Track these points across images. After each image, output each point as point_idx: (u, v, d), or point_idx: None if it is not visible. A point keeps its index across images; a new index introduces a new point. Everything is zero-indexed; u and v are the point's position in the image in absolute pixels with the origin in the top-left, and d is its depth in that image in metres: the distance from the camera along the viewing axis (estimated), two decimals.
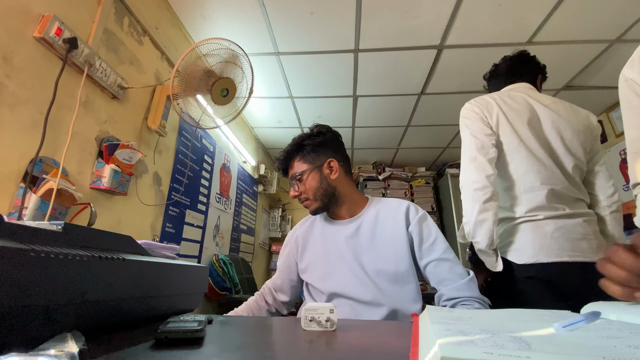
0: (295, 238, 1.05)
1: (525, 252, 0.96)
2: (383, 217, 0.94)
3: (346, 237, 0.94)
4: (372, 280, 0.87)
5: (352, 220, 0.97)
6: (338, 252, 0.93)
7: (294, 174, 0.98)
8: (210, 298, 2.19)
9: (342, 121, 2.94)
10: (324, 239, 0.98)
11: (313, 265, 0.97)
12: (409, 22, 1.75)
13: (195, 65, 1.32)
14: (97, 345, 0.36)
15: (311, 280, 0.96)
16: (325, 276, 0.93)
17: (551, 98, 1.13)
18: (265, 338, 0.47)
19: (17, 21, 0.96)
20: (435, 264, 0.87)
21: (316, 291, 0.94)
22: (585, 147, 1.06)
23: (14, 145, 0.95)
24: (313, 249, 0.99)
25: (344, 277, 0.90)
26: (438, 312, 0.46)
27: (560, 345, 0.30)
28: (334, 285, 0.90)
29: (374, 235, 0.92)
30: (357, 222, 0.96)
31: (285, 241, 1.10)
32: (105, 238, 0.46)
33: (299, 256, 1.02)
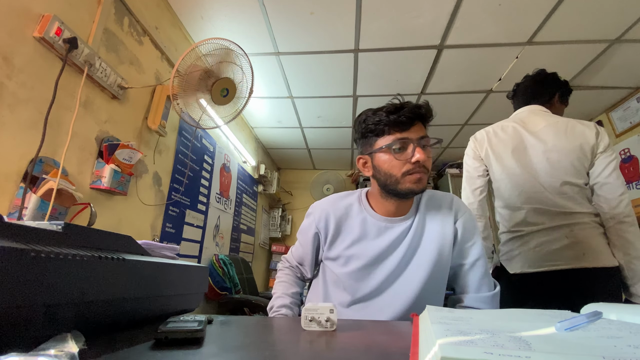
0: (326, 218, 0.87)
1: (515, 263, 1.16)
2: (431, 212, 0.84)
3: (392, 241, 0.81)
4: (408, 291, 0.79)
5: (402, 220, 0.83)
6: (376, 256, 0.81)
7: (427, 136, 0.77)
8: (210, 298, 2.19)
9: (342, 121, 2.94)
10: (364, 235, 0.84)
11: (346, 260, 0.84)
12: (409, 22, 1.75)
13: (195, 65, 1.32)
14: (97, 345, 0.36)
15: (339, 272, 0.85)
16: (358, 278, 0.82)
17: (547, 121, 1.21)
18: (265, 338, 0.47)
19: (17, 21, 0.96)
20: (470, 267, 0.82)
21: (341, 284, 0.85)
22: (577, 165, 1.13)
23: (14, 145, 0.95)
24: (347, 240, 0.85)
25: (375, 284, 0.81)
26: (438, 312, 0.46)
27: (560, 345, 0.29)
28: (363, 290, 0.82)
29: (422, 238, 0.82)
30: (407, 222, 0.83)
31: (309, 217, 0.92)
32: (105, 238, 0.46)
33: (327, 243, 0.87)
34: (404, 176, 0.75)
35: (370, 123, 0.78)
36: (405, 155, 0.74)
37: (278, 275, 1.01)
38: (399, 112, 0.74)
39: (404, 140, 0.74)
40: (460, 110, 2.66)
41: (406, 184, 0.75)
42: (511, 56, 2.00)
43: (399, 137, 0.74)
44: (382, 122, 0.75)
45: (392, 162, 0.75)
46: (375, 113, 0.78)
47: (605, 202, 1.10)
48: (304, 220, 0.95)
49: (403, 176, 0.75)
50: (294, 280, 0.97)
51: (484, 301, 0.80)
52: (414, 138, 0.74)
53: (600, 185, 1.11)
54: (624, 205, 1.07)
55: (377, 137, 0.77)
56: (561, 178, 1.12)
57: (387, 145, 0.75)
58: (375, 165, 0.79)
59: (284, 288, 0.94)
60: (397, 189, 0.76)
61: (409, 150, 0.74)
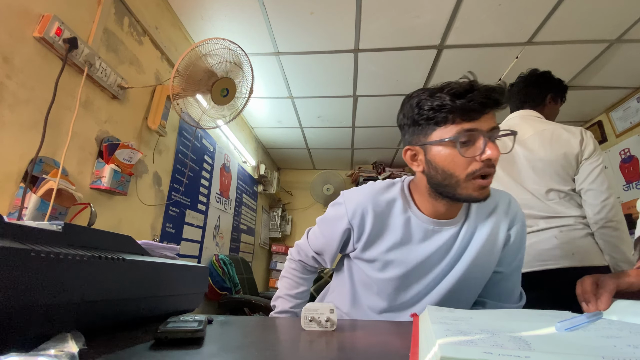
0: (362, 213, 0.73)
1: None
2: (484, 214, 0.73)
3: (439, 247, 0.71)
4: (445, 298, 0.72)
5: (451, 223, 0.71)
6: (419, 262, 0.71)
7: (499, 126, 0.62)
8: (210, 298, 2.19)
9: (342, 121, 2.94)
10: (407, 238, 0.72)
11: (383, 264, 0.73)
12: (409, 22, 1.75)
13: (196, 65, 1.32)
14: (97, 345, 0.36)
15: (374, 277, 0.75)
16: (395, 286, 0.73)
17: (535, 129, 1.23)
18: (265, 338, 0.47)
19: (17, 21, 0.96)
20: (505, 276, 0.76)
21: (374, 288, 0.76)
22: (562, 173, 1.17)
23: (14, 145, 0.95)
24: (387, 242, 0.73)
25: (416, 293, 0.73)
26: (438, 312, 0.46)
27: (559, 345, 0.30)
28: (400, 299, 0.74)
29: (471, 244, 0.72)
30: (457, 226, 0.72)
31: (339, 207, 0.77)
32: (105, 238, 0.46)
33: (362, 243, 0.74)
34: (468, 179, 0.60)
35: (427, 108, 0.61)
36: (474, 150, 0.59)
37: (285, 267, 0.92)
38: (469, 96, 0.58)
39: (472, 132, 0.58)
40: None
41: (468, 190, 0.61)
42: (511, 56, 2.00)
43: (467, 127, 0.59)
44: (446, 108, 0.59)
45: (455, 159, 0.60)
46: (434, 95, 0.61)
47: (590, 207, 1.14)
48: (331, 208, 0.80)
49: (467, 178, 0.60)
50: (300, 277, 0.89)
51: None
52: (484, 129, 0.58)
53: (585, 191, 1.16)
54: (607, 210, 1.11)
55: (436, 127, 0.62)
56: (547, 185, 1.17)
57: (451, 138, 0.59)
58: (430, 160, 0.64)
59: (288, 287, 0.88)
60: (456, 193, 0.63)
61: (478, 144, 0.59)
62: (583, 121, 2.79)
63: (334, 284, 0.90)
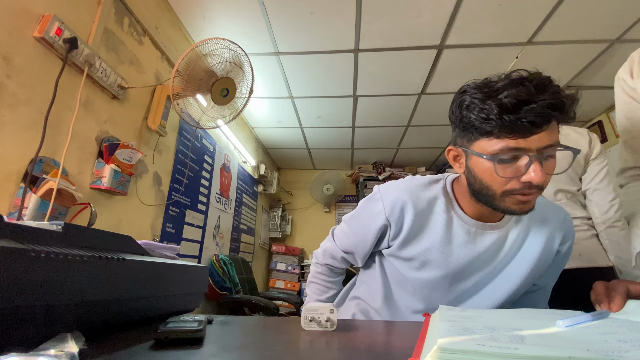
0: (401, 209, 0.69)
1: None
2: (536, 226, 0.69)
3: (483, 251, 0.67)
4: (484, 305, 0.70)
5: (495, 227, 0.67)
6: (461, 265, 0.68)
7: (557, 144, 0.53)
8: (210, 298, 2.19)
9: (342, 121, 2.94)
10: (449, 239, 0.68)
11: (421, 264, 0.70)
12: (409, 22, 1.75)
13: (196, 65, 1.32)
14: (97, 345, 0.36)
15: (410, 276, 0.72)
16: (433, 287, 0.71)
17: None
18: (265, 338, 0.47)
19: (17, 21, 0.96)
20: (537, 290, 0.74)
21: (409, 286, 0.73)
22: (570, 173, 1.19)
23: (14, 145, 0.95)
24: (427, 241, 0.69)
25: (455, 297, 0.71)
26: (449, 312, 0.47)
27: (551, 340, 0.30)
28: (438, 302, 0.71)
29: (518, 253, 0.68)
30: (501, 231, 0.67)
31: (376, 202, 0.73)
32: (105, 238, 0.46)
33: (400, 240, 0.70)
34: (504, 196, 0.56)
35: (473, 116, 0.55)
36: (515, 170, 0.53)
37: (311, 272, 0.90)
38: (521, 112, 0.49)
39: (517, 150, 0.52)
40: None
41: (506, 204, 0.57)
42: (511, 56, 2.00)
43: (512, 146, 0.52)
44: (492, 123, 0.52)
45: (493, 175, 0.55)
46: (485, 102, 0.53)
47: (597, 207, 1.16)
48: (365, 202, 0.76)
49: (503, 195, 0.56)
50: (328, 281, 0.86)
51: None
52: (533, 149, 0.51)
53: (592, 190, 1.17)
54: (614, 210, 1.13)
55: (480, 136, 0.55)
56: (555, 186, 1.18)
57: (490, 157, 0.54)
58: (470, 167, 0.60)
59: (317, 292, 0.85)
60: (493, 205, 0.59)
61: (520, 163, 0.53)
62: (583, 121, 2.79)
63: (362, 278, 0.86)
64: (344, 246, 0.82)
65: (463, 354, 0.26)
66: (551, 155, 0.54)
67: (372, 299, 0.80)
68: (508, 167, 0.54)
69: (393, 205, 0.69)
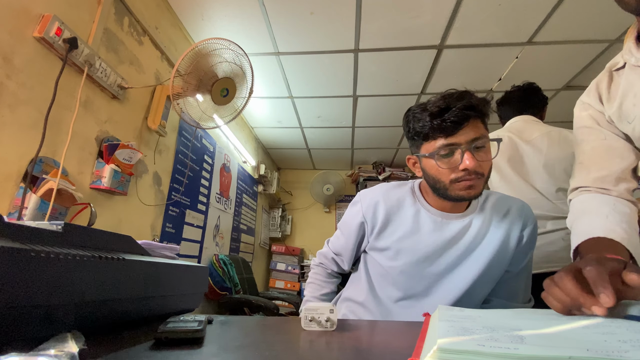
0: (375, 206, 0.81)
1: None
2: (497, 217, 0.78)
3: (449, 238, 0.76)
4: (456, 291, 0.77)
5: (459, 216, 0.77)
6: (429, 252, 0.77)
7: (483, 136, 0.67)
8: (210, 298, 2.19)
9: (342, 121, 2.94)
10: (417, 228, 0.78)
11: (396, 252, 0.79)
12: (409, 22, 1.75)
13: (196, 65, 1.32)
14: (97, 345, 0.36)
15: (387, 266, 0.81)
16: (408, 274, 0.78)
17: (540, 130, 1.27)
18: (265, 338, 0.47)
19: (17, 21, 0.96)
20: (514, 276, 0.79)
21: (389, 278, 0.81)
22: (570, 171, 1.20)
23: (14, 145, 0.95)
24: (398, 231, 0.79)
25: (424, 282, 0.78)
26: (448, 311, 0.47)
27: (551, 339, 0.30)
28: (414, 288, 0.79)
29: (483, 240, 0.76)
30: (465, 220, 0.77)
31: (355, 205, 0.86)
32: (105, 238, 0.46)
33: (375, 232, 0.82)
34: (452, 183, 0.68)
35: (413, 126, 0.71)
36: (453, 162, 0.67)
37: (309, 274, 0.99)
38: (444, 115, 0.65)
39: (450, 146, 0.66)
40: None
41: (455, 191, 0.69)
42: (511, 56, 2.00)
43: (444, 143, 0.66)
44: (426, 127, 0.68)
45: (438, 169, 0.69)
46: (421, 114, 0.70)
47: None
48: (349, 209, 0.89)
49: (451, 183, 0.68)
50: (323, 280, 0.94)
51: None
52: (462, 142, 0.65)
53: None
54: None
55: (423, 141, 0.71)
56: (556, 185, 1.19)
57: (430, 154, 0.69)
58: (424, 168, 0.74)
59: (313, 290, 0.93)
60: (447, 195, 0.71)
61: (456, 156, 0.67)
62: None
63: (351, 279, 0.95)
64: (334, 248, 0.93)
65: (463, 354, 0.26)
66: (481, 147, 0.67)
67: (358, 294, 0.88)
68: (447, 160, 0.68)
69: (368, 205, 0.82)
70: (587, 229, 0.62)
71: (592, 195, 0.70)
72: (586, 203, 0.69)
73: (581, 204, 0.70)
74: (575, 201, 0.73)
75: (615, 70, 0.71)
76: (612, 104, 0.69)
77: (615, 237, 0.57)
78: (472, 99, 0.66)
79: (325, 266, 0.96)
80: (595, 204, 0.67)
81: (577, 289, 0.41)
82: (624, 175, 0.67)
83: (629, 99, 0.64)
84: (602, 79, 0.73)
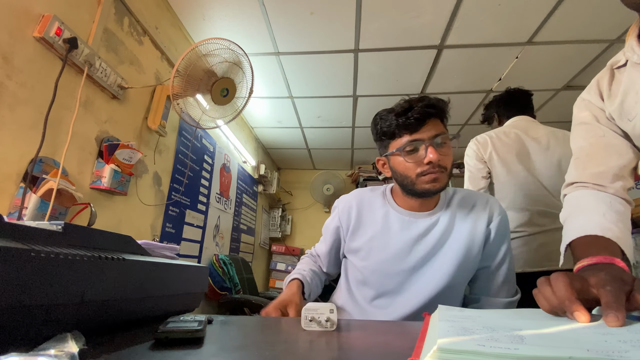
0: (348, 209, 0.88)
1: (517, 263, 1.18)
2: (462, 213, 0.82)
3: (416, 236, 0.80)
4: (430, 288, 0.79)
5: (427, 215, 0.82)
6: (399, 250, 0.80)
7: (443, 133, 0.75)
8: (210, 298, 2.19)
9: (342, 121, 2.94)
10: (386, 228, 0.83)
11: (367, 252, 0.84)
12: (409, 22, 1.75)
13: (196, 65, 1.32)
14: (97, 345, 0.36)
15: (361, 266, 0.85)
16: (380, 272, 0.82)
17: (546, 129, 1.31)
18: (265, 338, 0.47)
19: (17, 21, 0.96)
20: (494, 270, 0.81)
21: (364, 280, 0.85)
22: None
23: (14, 145, 0.95)
24: (369, 232, 0.85)
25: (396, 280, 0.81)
26: (448, 311, 0.47)
27: (551, 339, 0.30)
28: (386, 286, 0.82)
29: (450, 236, 0.80)
30: (432, 218, 0.81)
31: (334, 210, 0.94)
32: (105, 238, 0.46)
33: (349, 233, 0.88)
34: (418, 177, 0.74)
35: (381, 127, 0.78)
36: (418, 156, 0.73)
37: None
38: (407, 114, 0.73)
39: (414, 141, 0.73)
40: (460, 110, 2.66)
41: (422, 185, 0.74)
42: (511, 56, 2.00)
43: (410, 139, 0.73)
44: (392, 126, 0.75)
45: (405, 165, 0.75)
46: (387, 115, 0.77)
47: None
48: (331, 211, 0.97)
49: (418, 177, 0.74)
50: (311, 262, 0.98)
51: (499, 306, 0.80)
52: (425, 138, 0.72)
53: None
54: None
55: (390, 140, 0.78)
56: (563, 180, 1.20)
57: (398, 149, 0.75)
58: (392, 167, 0.80)
59: (300, 267, 0.95)
60: (415, 190, 0.76)
61: (421, 151, 0.73)
62: None
63: (336, 289, 1.00)
64: (317, 249, 1.00)
65: (463, 354, 0.26)
66: (443, 143, 0.73)
67: (338, 298, 0.93)
68: (413, 155, 0.74)
69: (343, 208, 0.90)
70: (583, 225, 0.62)
71: (588, 191, 0.69)
72: (582, 199, 0.69)
73: (577, 200, 0.70)
74: (570, 196, 0.73)
75: (616, 67, 0.70)
76: (613, 101, 0.68)
77: (611, 236, 0.57)
78: (431, 100, 0.74)
79: (314, 257, 1.01)
80: (592, 201, 0.67)
81: (568, 293, 0.41)
82: (621, 173, 0.67)
83: (631, 97, 0.64)
84: (604, 76, 0.72)
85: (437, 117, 0.75)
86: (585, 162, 0.72)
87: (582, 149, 0.74)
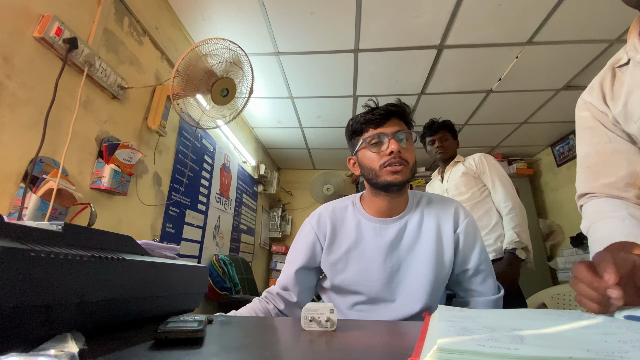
0: (323, 222, 0.89)
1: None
2: (429, 215, 0.85)
3: (389, 242, 0.83)
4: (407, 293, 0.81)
5: (396, 220, 0.84)
6: (374, 257, 0.83)
7: (405, 130, 0.81)
8: (210, 298, 2.19)
9: (342, 121, 2.94)
10: (360, 237, 0.85)
11: (345, 263, 0.85)
12: (409, 22, 1.75)
13: (195, 65, 1.32)
14: (97, 345, 0.36)
15: (340, 279, 0.86)
16: (358, 281, 0.84)
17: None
18: (265, 338, 0.47)
19: (17, 21, 0.96)
20: (473, 272, 0.83)
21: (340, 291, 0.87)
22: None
23: (14, 145, 0.95)
24: (344, 244, 0.86)
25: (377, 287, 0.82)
26: (449, 312, 0.47)
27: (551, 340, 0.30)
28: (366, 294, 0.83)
29: (419, 238, 0.83)
30: (401, 222, 0.84)
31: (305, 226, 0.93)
32: (105, 238, 0.46)
33: (326, 246, 0.87)
34: (381, 168, 0.79)
35: (351, 126, 0.87)
36: (382, 148, 0.80)
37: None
38: (374, 111, 0.83)
39: (379, 134, 0.80)
40: (460, 110, 2.66)
41: (384, 176, 0.79)
42: (511, 56, 2.00)
43: (375, 132, 0.81)
44: (360, 122, 0.83)
45: (371, 156, 0.81)
46: (357, 116, 0.86)
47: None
48: (298, 235, 0.93)
49: (381, 168, 0.79)
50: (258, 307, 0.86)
51: (488, 305, 0.81)
52: (388, 132, 0.80)
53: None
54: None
55: (358, 136, 0.85)
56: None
57: (364, 140, 0.82)
58: (360, 162, 0.85)
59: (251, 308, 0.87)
60: (378, 182, 0.80)
61: (385, 144, 0.80)
62: None
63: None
64: (281, 280, 0.90)
65: (463, 354, 0.26)
66: (406, 140, 0.81)
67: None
68: (377, 147, 0.81)
69: (316, 221, 0.90)
70: (607, 235, 0.60)
71: (603, 199, 0.68)
72: (601, 207, 0.68)
73: (595, 208, 0.69)
74: (587, 206, 0.72)
75: (618, 67, 0.69)
76: (616, 102, 0.67)
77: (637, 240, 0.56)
78: (396, 101, 0.84)
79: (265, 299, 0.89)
80: (610, 208, 0.65)
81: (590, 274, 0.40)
82: (633, 180, 0.66)
83: (635, 97, 0.63)
84: (606, 77, 0.71)
85: (400, 119, 0.83)
86: (597, 172, 0.70)
87: (589, 156, 0.71)
